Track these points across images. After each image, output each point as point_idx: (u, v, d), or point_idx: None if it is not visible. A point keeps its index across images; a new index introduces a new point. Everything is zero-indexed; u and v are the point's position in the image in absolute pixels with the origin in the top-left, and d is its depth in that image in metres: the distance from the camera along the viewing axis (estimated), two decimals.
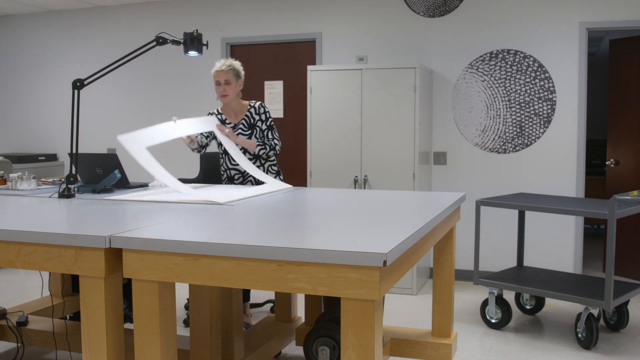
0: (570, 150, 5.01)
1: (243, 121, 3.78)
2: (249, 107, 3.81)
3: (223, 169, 3.86)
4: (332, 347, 2.77)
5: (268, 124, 3.81)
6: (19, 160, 6.15)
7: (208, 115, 3.81)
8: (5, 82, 6.95)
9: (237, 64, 3.77)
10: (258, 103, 3.82)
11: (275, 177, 3.87)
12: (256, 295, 4.92)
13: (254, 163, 3.77)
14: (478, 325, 4.13)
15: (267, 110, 3.82)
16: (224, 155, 3.83)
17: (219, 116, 3.84)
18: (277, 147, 3.78)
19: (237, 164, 3.80)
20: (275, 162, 3.91)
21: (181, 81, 6.17)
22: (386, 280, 1.72)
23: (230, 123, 3.80)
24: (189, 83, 6.14)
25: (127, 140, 2.91)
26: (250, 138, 3.75)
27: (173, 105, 6.21)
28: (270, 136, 3.79)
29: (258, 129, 3.77)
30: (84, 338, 1.97)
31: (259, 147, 3.71)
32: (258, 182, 3.80)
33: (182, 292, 4.89)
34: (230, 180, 3.84)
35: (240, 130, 3.76)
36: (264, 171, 3.82)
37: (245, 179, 3.82)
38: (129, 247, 1.87)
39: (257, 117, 3.78)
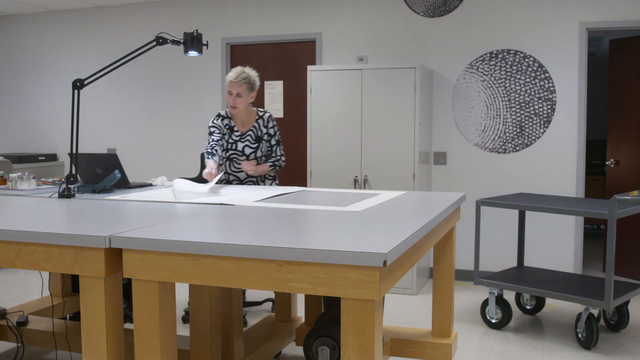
0: (570, 150, 5.01)
1: (250, 132, 3.73)
2: (257, 117, 3.76)
3: (223, 171, 3.85)
4: (332, 347, 2.77)
5: (277, 139, 3.79)
6: (19, 160, 6.15)
7: (217, 116, 3.76)
8: (5, 82, 6.95)
9: (252, 76, 3.68)
10: (267, 115, 3.77)
11: (271, 183, 3.88)
12: (255, 294, 4.92)
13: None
14: (478, 325, 4.13)
15: (275, 123, 3.79)
16: (225, 160, 3.81)
17: (227, 121, 3.77)
18: (283, 165, 3.81)
19: (238, 171, 3.79)
20: None
21: (181, 81, 6.17)
22: (386, 280, 1.72)
23: (237, 131, 3.75)
24: (189, 83, 6.14)
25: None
26: (256, 151, 3.73)
27: (173, 105, 6.21)
28: (278, 153, 3.79)
29: (264, 141, 3.75)
30: (84, 338, 1.97)
31: (271, 169, 3.74)
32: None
33: (182, 293, 4.89)
34: (229, 184, 3.84)
35: (247, 142, 3.72)
36: (259, 179, 3.83)
37: (243, 183, 3.83)
38: (129, 247, 1.87)
39: (264, 130, 3.74)
